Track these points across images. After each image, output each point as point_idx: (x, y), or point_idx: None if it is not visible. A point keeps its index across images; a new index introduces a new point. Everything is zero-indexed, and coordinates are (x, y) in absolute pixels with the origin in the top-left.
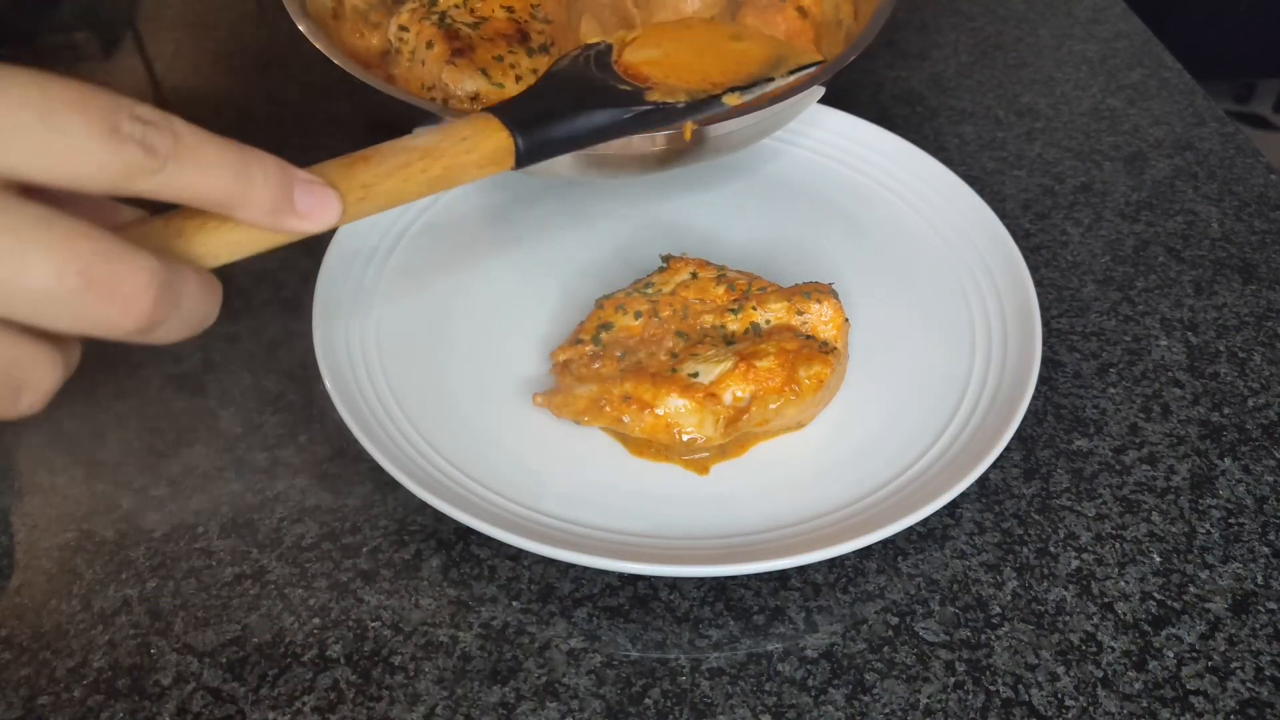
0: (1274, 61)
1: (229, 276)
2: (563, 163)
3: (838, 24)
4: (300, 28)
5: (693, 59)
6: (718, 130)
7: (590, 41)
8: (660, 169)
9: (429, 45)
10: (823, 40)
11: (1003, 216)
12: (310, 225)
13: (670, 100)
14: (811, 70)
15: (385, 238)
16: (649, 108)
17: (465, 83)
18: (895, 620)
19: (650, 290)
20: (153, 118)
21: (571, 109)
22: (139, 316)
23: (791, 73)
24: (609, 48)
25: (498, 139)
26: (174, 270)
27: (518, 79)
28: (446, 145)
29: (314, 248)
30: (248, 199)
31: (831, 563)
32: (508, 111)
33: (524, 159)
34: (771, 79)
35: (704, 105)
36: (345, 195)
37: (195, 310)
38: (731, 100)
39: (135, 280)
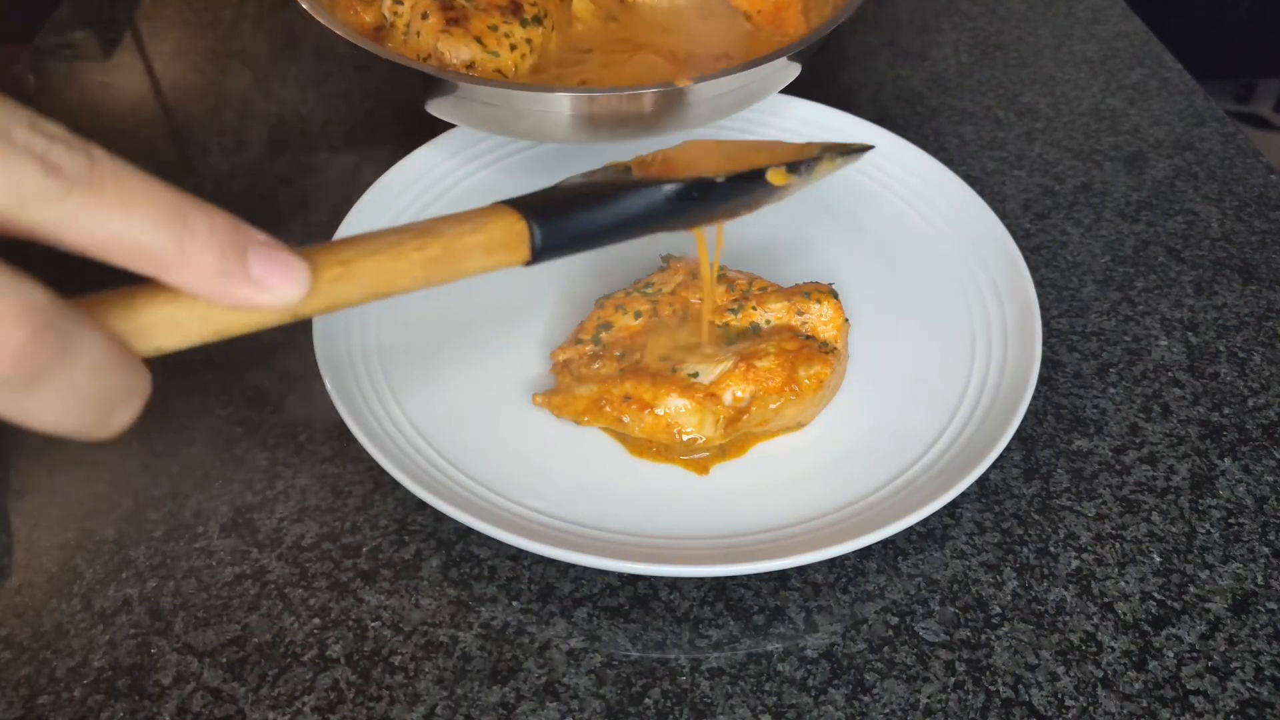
0: (1274, 61)
1: None
2: (557, 124)
3: None
4: (303, 4)
5: (721, 158)
6: (701, 93)
7: (615, 164)
8: (650, 133)
9: (424, 16)
10: (810, 11)
11: (1003, 216)
12: (267, 297)
13: (709, 175)
14: (860, 154)
15: None
16: (687, 182)
17: (461, 51)
18: (895, 620)
19: (650, 290)
20: (62, 135)
21: (598, 196)
22: (8, 356)
23: (844, 154)
24: (629, 167)
25: (509, 221)
26: (66, 312)
27: (512, 48)
28: (447, 226)
29: None
30: (185, 255)
31: (831, 563)
32: (522, 201)
33: (541, 249)
34: (819, 158)
35: (746, 179)
36: (319, 271)
37: (96, 380)
38: (776, 177)
39: (3, 304)
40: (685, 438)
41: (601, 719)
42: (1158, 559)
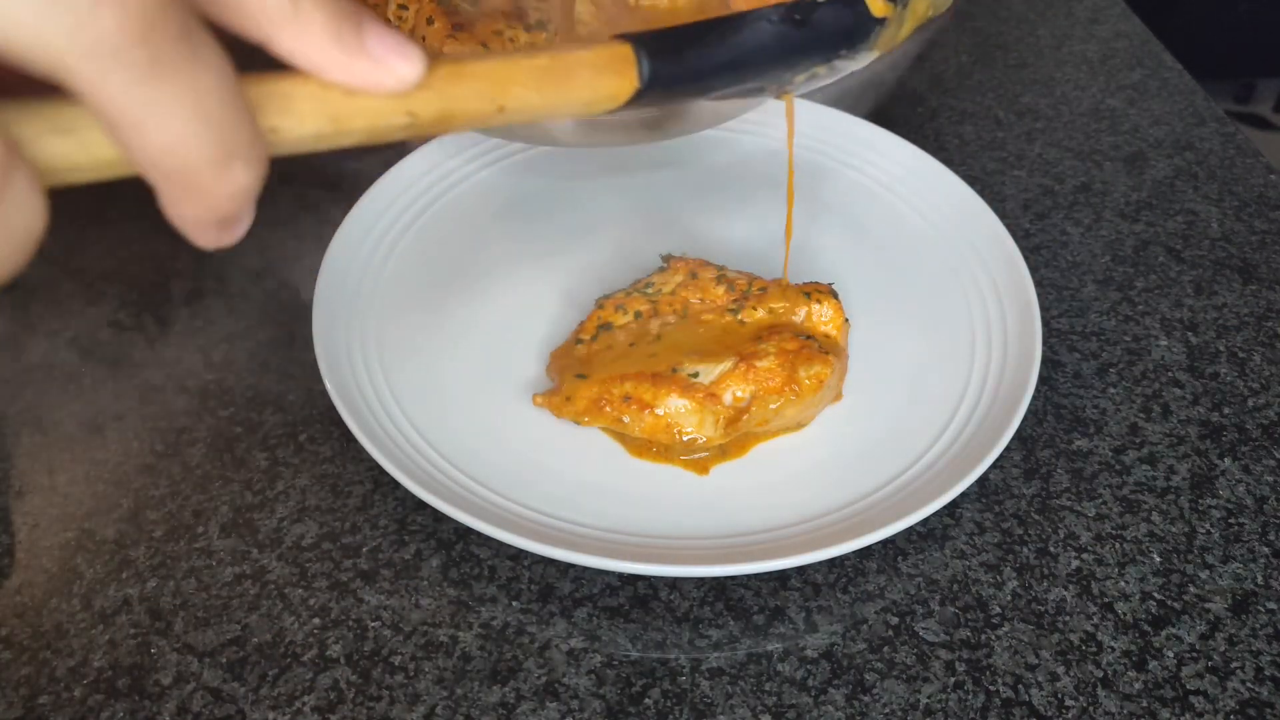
0: (1274, 61)
1: (231, 277)
2: (562, 130)
3: None
4: None
5: None
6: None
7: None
8: (652, 136)
9: (429, 22)
10: None
11: (1003, 216)
12: (383, 75)
13: None
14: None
15: (386, 237)
16: (788, 3)
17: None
18: (895, 620)
19: (650, 290)
20: None
21: (706, 30)
22: (132, 19)
23: None
24: None
25: (617, 45)
26: (187, 5)
27: None
28: (555, 45)
29: (315, 247)
30: (299, 13)
31: (831, 563)
32: (630, 34)
33: (650, 79)
34: None
35: (846, 3)
36: (432, 68)
37: (222, 96)
38: (875, 3)
39: None
40: (685, 438)
41: (601, 719)
42: (1158, 559)
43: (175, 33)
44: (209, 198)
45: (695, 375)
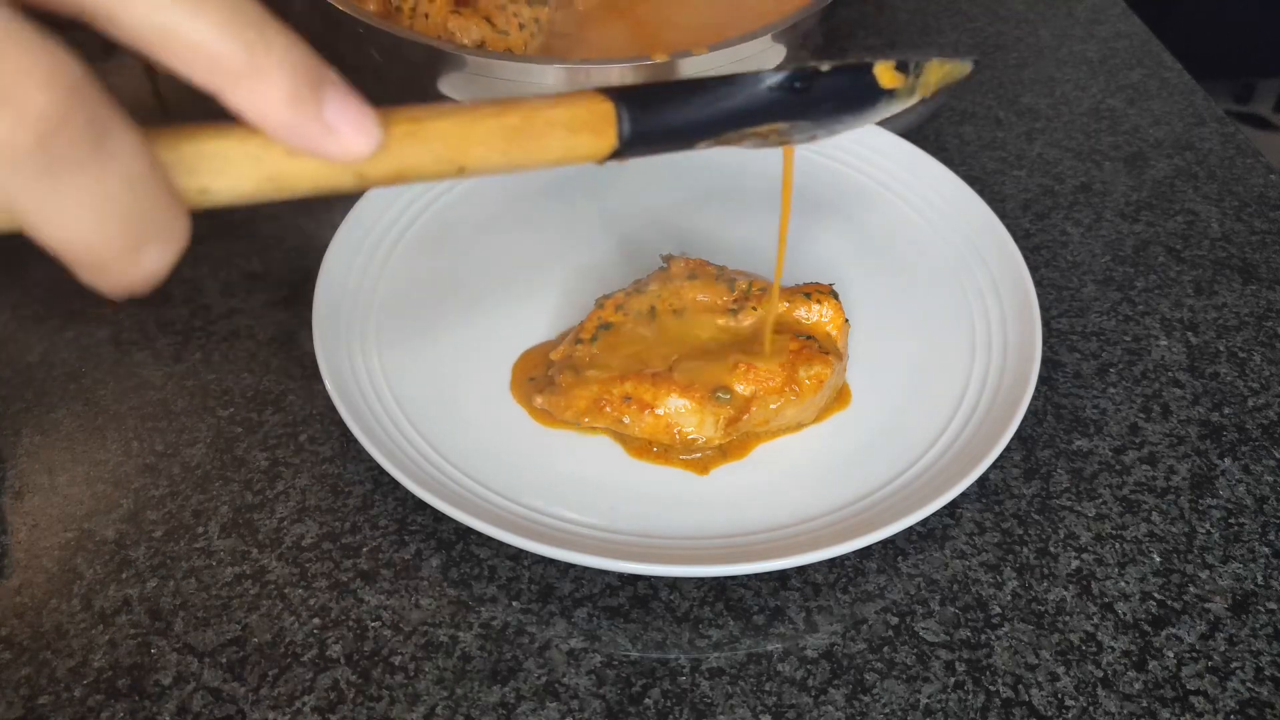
0: (1274, 61)
1: (231, 276)
2: None
3: None
4: None
5: None
6: (688, 67)
7: None
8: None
9: None
10: None
11: (1003, 216)
12: (333, 145)
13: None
14: (967, 67)
15: (386, 237)
16: (789, 72)
17: (471, 31)
18: (895, 620)
19: (650, 290)
20: None
21: (693, 88)
22: (28, 123)
23: (949, 59)
24: None
25: (596, 101)
26: (103, 97)
27: (520, 26)
28: (529, 99)
29: (314, 246)
30: (256, 69)
31: (831, 563)
32: (611, 87)
33: (631, 138)
34: (927, 59)
35: (852, 73)
36: (389, 126)
37: (130, 193)
38: (884, 74)
39: (26, 61)
40: (685, 438)
41: (601, 719)
42: (1158, 559)
43: (80, 130)
44: (121, 278)
45: (727, 396)
